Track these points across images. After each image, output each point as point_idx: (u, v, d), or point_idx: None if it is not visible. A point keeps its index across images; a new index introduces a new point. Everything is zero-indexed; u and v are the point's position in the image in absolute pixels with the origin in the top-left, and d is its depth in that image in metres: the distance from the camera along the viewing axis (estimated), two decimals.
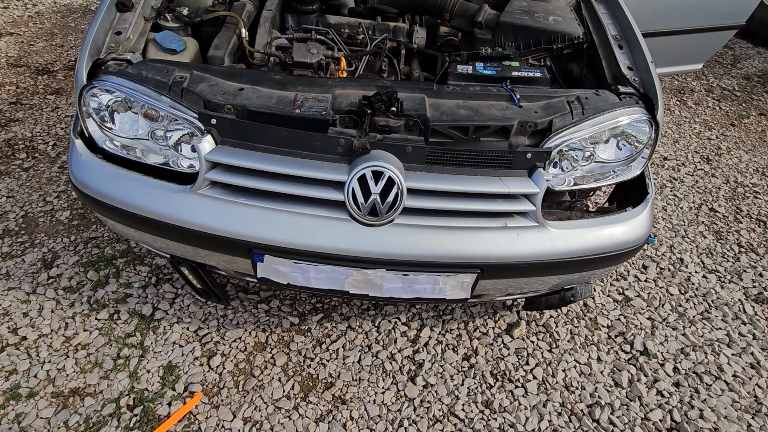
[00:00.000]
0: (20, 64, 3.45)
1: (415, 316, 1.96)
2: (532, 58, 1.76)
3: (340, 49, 1.78)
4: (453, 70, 1.56)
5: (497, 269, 1.35)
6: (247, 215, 1.28)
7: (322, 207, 1.27)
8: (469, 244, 1.29)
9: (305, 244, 1.28)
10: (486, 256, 1.31)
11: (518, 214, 1.33)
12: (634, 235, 1.43)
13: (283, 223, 1.27)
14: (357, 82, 1.40)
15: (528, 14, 1.82)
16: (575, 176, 1.43)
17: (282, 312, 1.93)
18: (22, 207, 2.29)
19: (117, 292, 1.94)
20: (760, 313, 2.15)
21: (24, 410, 1.56)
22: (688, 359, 1.91)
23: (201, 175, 1.26)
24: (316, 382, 1.72)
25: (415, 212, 1.28)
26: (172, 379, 1.68)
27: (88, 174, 1.37)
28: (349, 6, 2.10)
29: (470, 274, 1.33)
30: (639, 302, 2.13)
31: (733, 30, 2.98)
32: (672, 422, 1.70)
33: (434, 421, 1.64)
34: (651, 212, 1.48)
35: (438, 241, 1.28)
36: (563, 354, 1.88)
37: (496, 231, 1.31)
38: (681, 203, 2.74)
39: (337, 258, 1.30)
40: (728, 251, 2.45)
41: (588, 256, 1.39)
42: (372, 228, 1.26)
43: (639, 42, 1.65)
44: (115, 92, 1.31)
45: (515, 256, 1.32)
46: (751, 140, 3.39)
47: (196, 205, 1.29)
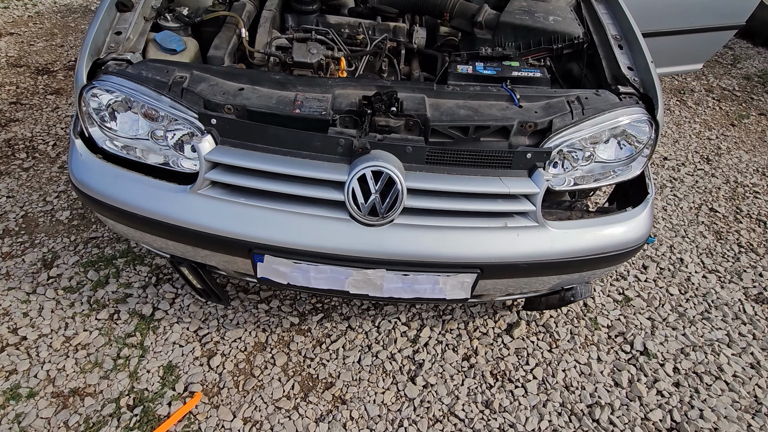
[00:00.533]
0: (20, 64, 3.45)
1: (415, 316, 1.96)
2: (532, 58, 1.76)
3: (340, 49, 1.78)
4: (453, 70, 1.56)
5: (497, 269, 1.35)
6: (247, 215, 1.28)
7: (322, 207, 1.27)
8: (469, 244, 1.29)
9: (305, 244, 1.28)
10: (486, 256, 1.31)
11: (518, 214, 1.33)
12: (634, 235, 1.43)
13: (283, 223, 1.27)
14: (357, 82, 1.40)
15: (528, 14, 1.82)
16: (575, 176, 1.43)
17: (282, 312, 1.93)
18: (22, 207, 2.29)
19: (117, 292, 1.94)
20: (760, 313, 2.14)
21: (24, 410, 1.56)
22: (688, 359, 1.91)
23: (201, 175, 1.26)
24: (316, 382, 1.72)
25: (415, 212, 1.28)
26: (172, 379, 1.68)
27: (88, 174, 1.37)
28: (349, 6, 2.10)
29: (470, 274, 1.33)
30: (639, 302, 2.13)
31: (733, 30, 2.98)
32: (672, 422, 1.70)
33: (434, 421, 1.64)
34: (651, 212, 1.48)
35: (438, 241, 1.28)
36: (563, 354, 1.88)
37: (497, 231, 1.31)
38: (681, 203, 2.74)
39: (337, 258, 1.30)
40: (728, 251, 2.45)
41: (588, 256, 1.39)
42: (372, 228, 1.26)
43: (639, 42, 1.65)
44: (115, 92, 1.31)
45: (515, 256, 1.32)
46: (751, 140, 3.39)
47: (196, 205, 1.29)
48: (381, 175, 1.20)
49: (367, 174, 1.20)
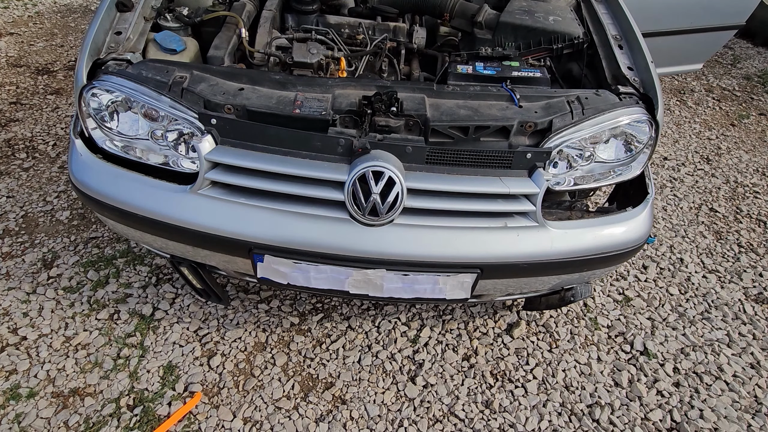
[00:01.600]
0: (20, 64, 3.45)
1: (415, 316, 1.96)
2: (532, 58, 1.76)
3: (340, 49, 1.78)
4: (453, 70, 1.56)
5: (497, 269, 1.35)
6: (247, 215, 1.28)
7: (322, 207, 1.27)
8: (470, 245, 1.29)
9: (305, 244, 1.28)
10: (486, 257, 1.31)
11: (518, 214, 1.33)
12: (634, 235, 1.43)
13: (283, 223, 1.27)
14: (357, 82, 1.40)
15: (528, 14, 1.82)
16: (575, 176, 1.43)
17: (282, 312, 1.93)
18: (22, 207, 2.29)
19: (117, 292, 1.94)
20: (760, 313, 2.14)
21: (24, 410, 1.56)
22: (688, 359, 1.91)
23: (201, 175, 1.26)
24: (316, 382, 1.72)
25: (416, 212, 1.28)
26: (172, 379, 1.68)
27: (88, 174, 1.37)
28: (349, 6, 2.09)
29: (470, 274, 1.33)
30: (639, 302, 2.13)
31: (733, 30, 2.98)
32: (672, 422, 1.70)
33: (434, 421, 1.64)
34: (651, 212, 1.48)
35: (438, 242, 1.28)
36: (563, 354, 1.88)
37: (497, 231, 1.31)
38: (681, 203, 2.74)
39: (337, 258, 1.30)
40: (728, 251, 2.45)
41: (588, 256, 1.39)
42: (372, 228, 1.26)
43: (639, 42, 1.65)
44: (115, 92, 1.31)
45: (515, 256, 1.32)
46: (751, 140, 3.39)
47: (196, 205, 1.29)
48: (381, 175, 1.20)
49: (367, 174, 1.20)
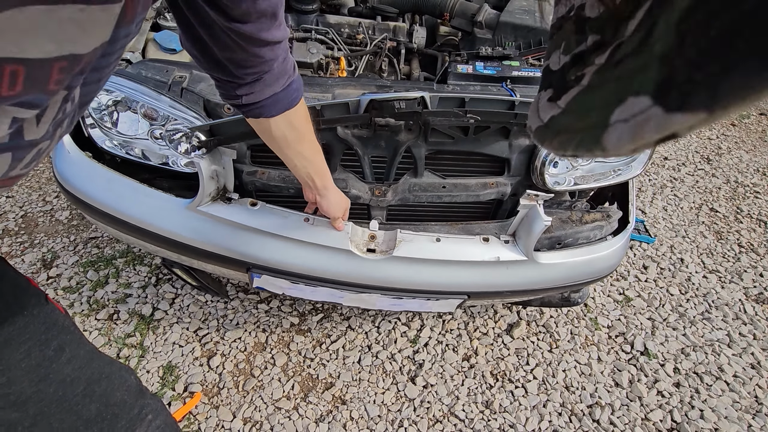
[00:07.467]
0: None
1: (415, 317, 1.96)
2: (532, 57, 1.75)
3: (340, 48, 1.77)
4: (453, 70, 1.56)
5: (484, 294, 1.40)
6: (247, 237, 1.27)
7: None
8: (461, 277, 1.33)
9: (304, 269, 1.28)
10: (475, 286, 1.35)
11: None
12: (611, 262, 1.48)
13: (283, 248, 1.27)
14: (357, 81, 1.39)
15: (528, 14, 1.82)
16: (575, 176, 1.43)
17: (282, 312, 1.93)
18: (22, 207, 2.29)
19: (116, 293, 1.94)
20: (761, 313, 2.14)
21: None
22: (689, 359, 1.91)
23: (201, 192, 1.23)
24: (316, 383, 1.72)
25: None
26: (172, 379, 1.68)
27: (72, 170, 1.32)
28: (349, 6, 2.09)
29: (458, 299, 1.38)
30: (639, 302, 2.12)
31: None
32: (672, 422, 1.70)
33: (434, 421, 1.64)
34: (627, 242, 1.53)
35: (431, 274, 1.31)
36: (563, 354, 1.88)
37: (487, 264, 1.34)
38: (681, 203, 2.73)
39: (335, 282, 1.31)
40: (729, 251, 2.44)
41: (570, 283, 1.43)
42: (369, 260, 1.28)
43: None
44: (114, 92, 1.31)
45: (503, 285, 1.36)
46: (752, 140, 3.39)
47: (195, 222, 1.26)
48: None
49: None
